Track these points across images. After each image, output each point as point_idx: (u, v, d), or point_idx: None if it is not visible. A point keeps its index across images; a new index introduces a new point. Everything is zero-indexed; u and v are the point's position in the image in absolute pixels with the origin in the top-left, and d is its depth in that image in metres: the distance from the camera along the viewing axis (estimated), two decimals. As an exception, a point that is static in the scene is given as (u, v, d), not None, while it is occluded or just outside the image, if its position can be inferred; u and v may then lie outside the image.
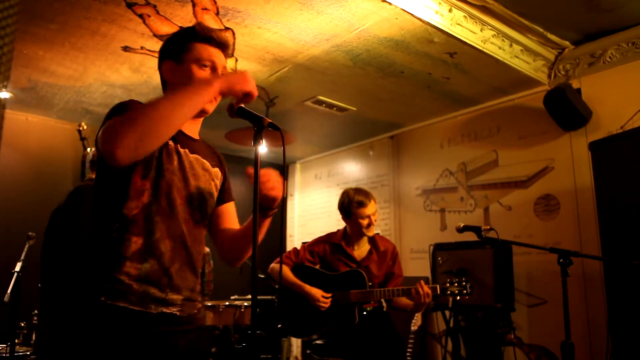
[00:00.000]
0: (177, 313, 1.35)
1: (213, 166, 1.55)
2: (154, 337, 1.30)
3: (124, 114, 1.22)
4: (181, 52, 1.45)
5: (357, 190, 2.95)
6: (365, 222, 2.87)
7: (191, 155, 1.45)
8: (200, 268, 1.48)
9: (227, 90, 1.31)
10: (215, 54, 1.46)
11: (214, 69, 1.45)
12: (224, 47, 1.49)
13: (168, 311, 1.33)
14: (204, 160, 1.50)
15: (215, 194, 1.54)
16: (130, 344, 1.26)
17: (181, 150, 1.42)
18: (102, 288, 1.27)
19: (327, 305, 2.80)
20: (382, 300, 2.94)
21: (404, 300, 2.80)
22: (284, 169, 1.36)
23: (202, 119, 1.53)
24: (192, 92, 1.29)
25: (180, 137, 1.44)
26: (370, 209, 2.88)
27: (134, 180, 1.31)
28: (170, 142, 1.39)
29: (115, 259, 1.28)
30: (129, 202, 1.31)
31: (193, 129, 1.52)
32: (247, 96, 1.34)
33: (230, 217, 1.63)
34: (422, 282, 2.62)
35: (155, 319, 1.30)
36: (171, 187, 1.36)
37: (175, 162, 1.39)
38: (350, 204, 2.89)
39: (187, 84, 1.39)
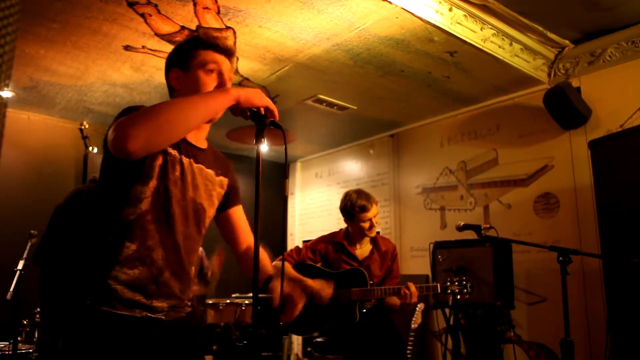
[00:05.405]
0: (163, 317, 1.37)
1: (218, 175, 1.55)
2: (139, 338, 1.31)
3: (139, 111, 1.24)
4: (187, 60, 1.46)
5: (359, 194, 2.95)
6: (367, 224, 2.90)
7: (195, 165, 1.46)
8: (193, 276, 1.51)
9: (245, 100, 1.32)
10: (220, 59, 1.47)
11: (220, 73, 1.46)
12: (229, 54, 1.50)
13: (153, 316, 1.35)
14: (208, 170, 1.51)
15: (217, 203, 1.56)
16: (115, 345, 1.28)
17: (185, 160, 1.42)
18: (89, 291, 1.30)
19: (330, 293, 2.81)
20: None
21: (395, 300, 2.82)
22: (285, 168, 1.37)
23: (208, 126, 1.53)
24: (209, 95, 1.34)
25: (186, 147, 1.45)
26: (372, 212, 2.90)
27: (134, 186, 1.33)
28: (175, 152, 1.40)
29: (108, 262, 1.30)
30: (127, 207, 1.32)
31: (199, 138, 1.52)
32: (269, 112, 1.35)
33: (238, 221, 1.66)
34: (409, 283, 2.69)
35: (141, 322, 1.32)
36: (170, 197, 1.37)
37: (177, 172, 1.40)
38: (353, 207, 2.90)
39: (195, 91, 1.42)
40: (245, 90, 1.34)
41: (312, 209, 6.18)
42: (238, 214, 1.67)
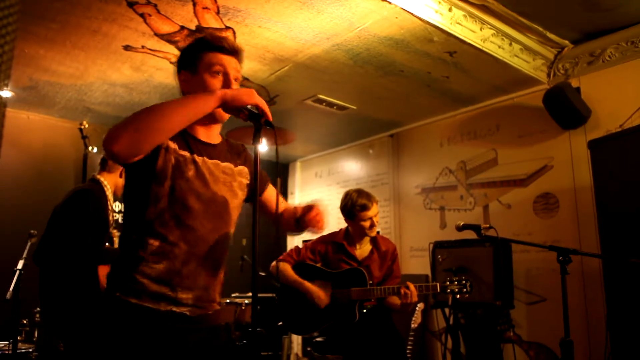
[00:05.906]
0: (187, 313, 1.41)
1: (237, 165, 1.60)
2: (163, 332, 1.37)
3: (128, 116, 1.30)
4: (194, 62, 1.51)
5: (360, 193, 2.94)
6: (367, 224, 2.90)
7: (210, 161, 1.51)
8: (222, 268, 1.55)
9: (232, 99, 1.36)
10: (227, 60, 1.51)
11: (225, 75, 1.50)
12: (236, 54, 1.54)
13: (178, 310, 1.40)
14: (225, 164, 1.56)
15: (241, 193, 1.60)
16: (140, 337, 1.34)
17: (198, 159, 1.47)
18: (119, 285, 1.38)
19: (327, 302, 2.82)
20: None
21: (396, 300, 2.82)
22: (277, 167, 1.40)
23: (219, 125, 1.59)
24: (192, 98, 1.39)
25: (197, 146, 1.50)
26: (372, 211, 2.90)
27: (152, 187, 1.40)
28: (186, 153, 1.45)
29: (134, 258, 1.38)
30: (149, 208, 1.40)
31: (211, 135, 1.57)
32: (261, 111, 1.39)
33: (272, 200, 1.74)
34: (408, 282, 2.69)
35: (165, 316, 1.37)
36: (186, 194, 1.42)
37: (191, 172, 1.45)
38: (353, 206, 2.90)
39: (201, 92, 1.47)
40: (233, 90, 1.38)
41: (312, 209, 6.17)
42: (269, 193, 1.76)
